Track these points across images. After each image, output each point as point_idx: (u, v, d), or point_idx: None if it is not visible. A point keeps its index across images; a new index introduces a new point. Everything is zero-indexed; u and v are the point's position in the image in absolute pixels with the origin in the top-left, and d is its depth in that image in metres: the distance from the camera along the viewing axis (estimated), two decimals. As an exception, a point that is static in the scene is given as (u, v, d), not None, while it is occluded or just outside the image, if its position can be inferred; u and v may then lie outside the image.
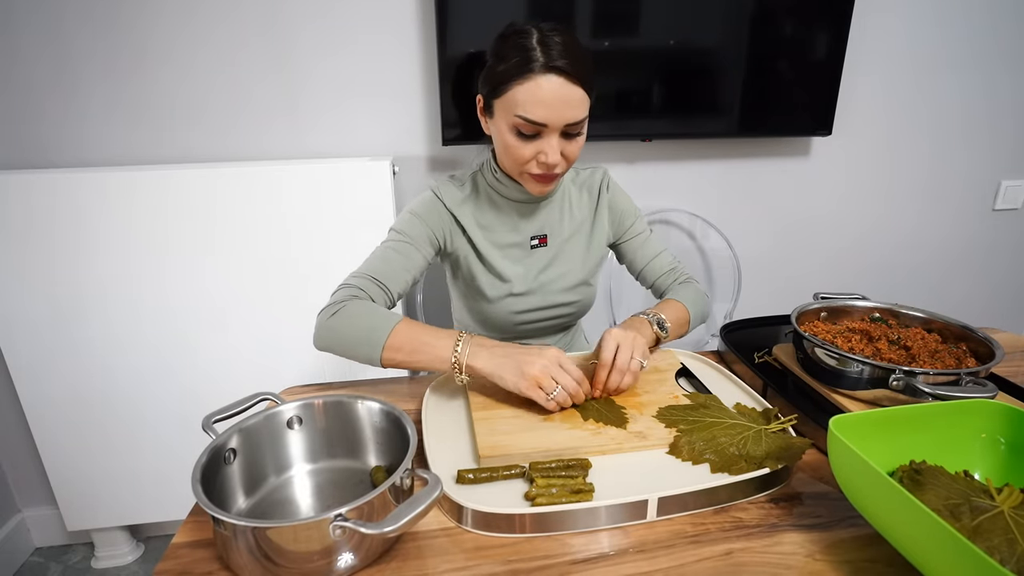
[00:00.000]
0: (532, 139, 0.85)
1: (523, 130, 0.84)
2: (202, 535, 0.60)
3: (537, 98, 0.81)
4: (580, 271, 1.04)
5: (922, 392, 0.69)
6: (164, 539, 1.68)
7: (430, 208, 0.96)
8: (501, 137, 0.87)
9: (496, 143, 0.91)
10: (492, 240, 0.99)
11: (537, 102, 0.81)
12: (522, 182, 0.93)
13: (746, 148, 1.67)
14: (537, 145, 0.85)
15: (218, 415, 0.65)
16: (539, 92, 0.81)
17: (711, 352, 1.01)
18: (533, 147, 0.85)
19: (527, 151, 0.86)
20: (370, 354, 0.79)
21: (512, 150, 0.86)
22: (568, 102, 0.82)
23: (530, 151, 0.86)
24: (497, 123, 0.88)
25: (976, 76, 1.70)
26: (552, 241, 1.02)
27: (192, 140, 1.42)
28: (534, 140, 0.85)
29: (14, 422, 1.51)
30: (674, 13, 1.44)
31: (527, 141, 0.85)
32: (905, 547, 0.51)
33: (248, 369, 1.44)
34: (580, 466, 0.65)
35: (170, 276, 1.35)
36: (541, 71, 0.80)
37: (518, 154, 0.86)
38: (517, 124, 0.84)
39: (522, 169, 0.89)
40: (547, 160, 0.85)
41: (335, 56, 1.41)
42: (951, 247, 1.89)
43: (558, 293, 1.03)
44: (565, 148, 0.86)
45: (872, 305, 0.92)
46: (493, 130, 0.90)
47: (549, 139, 0.84)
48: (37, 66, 1.32)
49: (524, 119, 0.82)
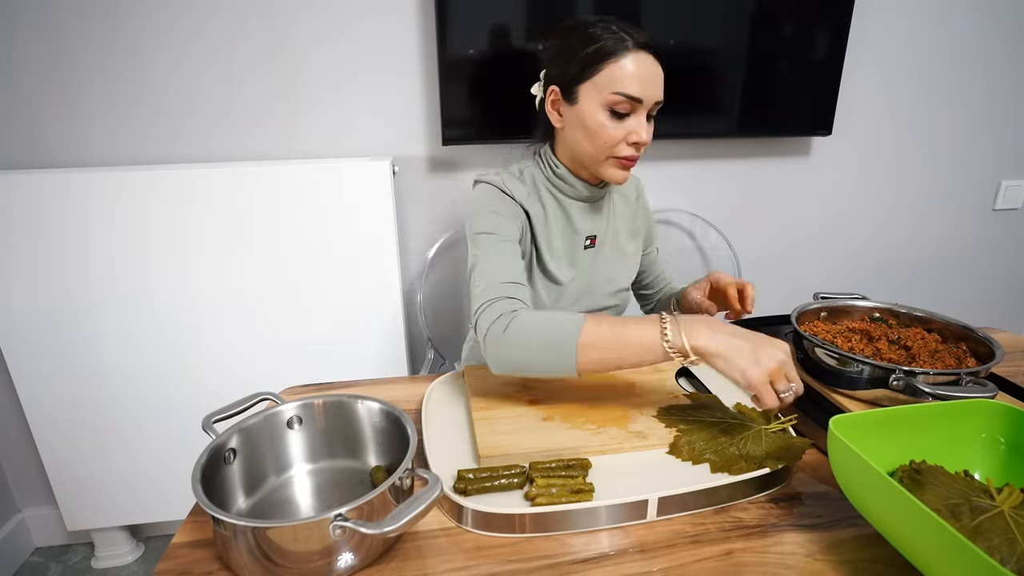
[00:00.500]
0: (623, 119, 0.85)
1: (619, 108, 0.84)
2: (202, 535, 0.61)
3: (634, 74, 0.82)
4: (624, 274, 1.04)
5: (922, 392, 0.69)
6: (164, 539, 1.68)
7: (504, 202, 0.91)
8: (589, 120, 0.85)
9: (576, 131, 0.88)
10: (550, 239, 0.96)
11: (635, 78, 0.82)
12: (602, 170, 0.90)
13: (746, 148, 1.67)
14: (627, 125, 0.85)
15: (218, 415, 0.65)
16: (636, 68, 0.82)
17: (711, 352, 1.01)
18: (624, 127, 0.85)
19: (618, 131, 0.85)
20: (564, 361, 0.71)
21: (604, 131, 0.85)
22: (659, 80, 0.85)
23: (621, 131, 0.85)
24: (584, 107, 0.86)
25: (976, 76, 1.70)
26: (601, 243, 1.00)
27: (192, 141, 1.42)
28: (625, 120, 0.85)
29: (14, 422, 1.51)
30: (674, 13, 1.44)
31: (619, 121, 0.85)
32: (905, 547, 0.51)
33: (248, 369, 1.44)
34: (580, 466, 0.65)
35: (170, 276, 1.35)
36: (636, 48, 0.82)
37: (609, 135, 0.85)
38: (613, 102, 0.83)
39: (610, 152, 0.87)
40: (640, 138, 0.85)
41: (335, 56, 1.41)
42: (951, 247, 1.89)
43: (604, 296, 1.02)
44: (648, 131, 0.87)
45: (872, 305, 0.92)
46: (574, 118, 0.88)
47: (639, 117, 0.85)
48: (35, 67, 1.32)
49: (623, 95, 0.82)
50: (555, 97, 0.90)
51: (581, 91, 0.86)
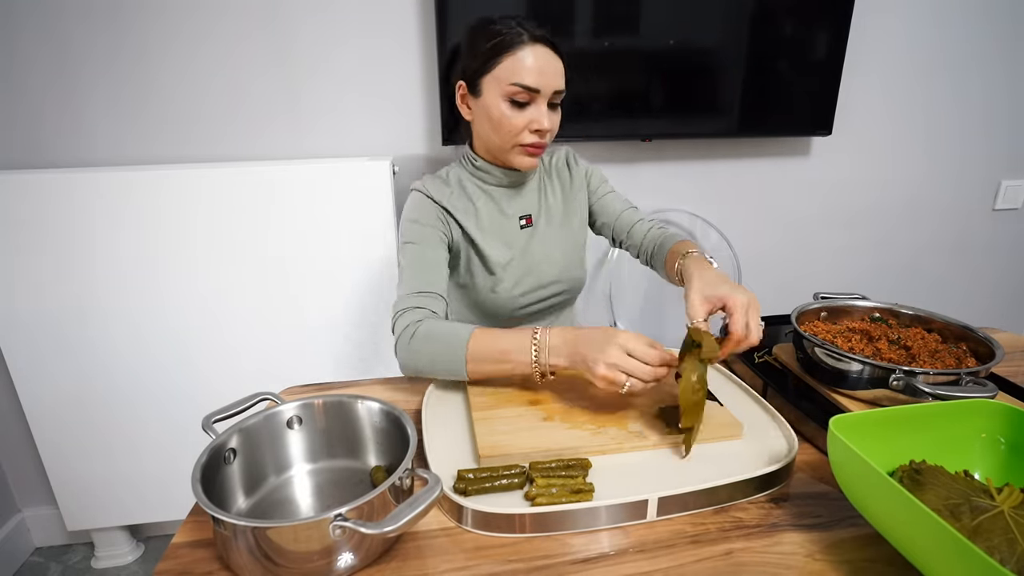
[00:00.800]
0: (523, 108, 0.90)
1: (517, 98, 0.89)
2: (202, 535, 0.60)
3: (529, 65, 0.87)
4: (568, 249, 1.07)
5: (922, 392, 0.69)
6: (164, 539, 1.69)
7: (426, 208, 0.98)
8: (492, 112, 0.91)
9: (483, 124, 0.94)
10: (482, 227, 1.01)
11: (530, 69, 0.87)
12: (511, 159, 0.96)
13: (746, 148, 1.67)
14: (528, 114, 0.90)
15: (218, 415, 0.65)
16: (531, 60, 0.87)
17: (711, 352, 1.01)
18: (525, 116, 0.90)
19: (520, 120, 0.90)
20: (456, 371, 0.81)
21: (506, 121, 0.90)
22: (555, 71, 0.90)
23: (522, 120, 0.90)
24: (487, 100, 0.91)
25: (976, 76, 1.70)
26: (537, 221, 1.05)
27: (192, 140, 1.42)
28: (525, 109, 0.90)
29: (14, 422, 1.51)
30: (674, 13, 1.44)
31: (520, 110, 0.90)
32: (905, 547, 0.51)
33: (248, 369, 1.44)
34: (580, 466, 0.66)
35: (170, 276, 1.36)
36: (530, 41, 0.87)
37: (511, 124, 0.90)
38: (511, 92, 0.88)
39: (515, 141, 0.92)
40: (541, 126, 0.90)
41: (335, 56, 1.41)
42: (951, 246, 1.89)
43: (549, 272, 1.05)
44: (550, 119, 0.92)
45: (872, 305, 0.92)
46: (480, 111, 0.93)
47: (539, 106, 0.90)
48: (37, 67, 1.32)
49: (520, 85, 0.88)
50: (463, 92, 0.95)
51: (483, 84, 0.91)
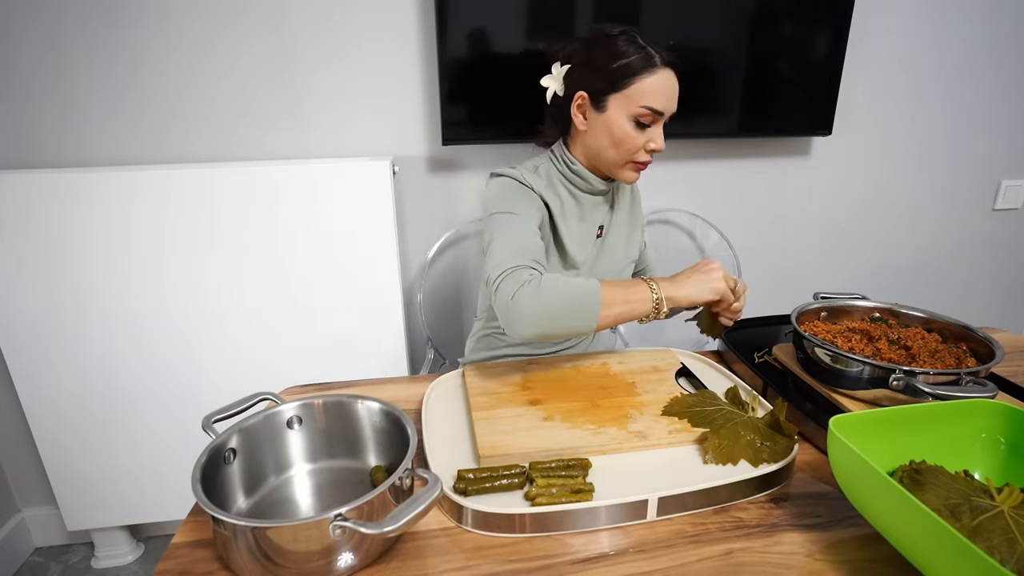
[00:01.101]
0: (645, 129, 0.92)
1: (644, 120, 0.91)
2: (202, 535, 0.61)
3: (660, 90, 0.90)
4: (625, 263, 1.10)
5: (922, 392, 0.69)
6: (164, 539, 1.68)
7: (524, 192, 0.96)
8: (615, 128, 0.92)
9: (601, 136, 0.94)
10: (568, 228, 1.01)
11: (661, 93, 0.90)
12: (619, 173, 0.97)
13: (746, 148, 1.67)
14: (648, 134, 0.93)
15: (218, 415, 0.65)
16: (663, 84, 0.90)
17: (711, 352, 1.01)
18: (645, 136, 0.93)
19: (641, 140, 0.93)
20: (589, 316, 0.81)
21: (628, 140, 0.92)
22: (676, 96, 0.93)
23: (643, 140, 0.93)
24: (612, 116, 0.92)
25: (976, 76, 1.70)
26: (606, 233, 1.07)
27: (192, 140, 1.42)
28: (646, 130, 0.93)
29: (14, 422, 1.51)
30: (674, 13, 1.44)
31: (641, 131, 0.92)
32: (905, 547, 0.51)
33: (248, 369, 1.44)
34: (580, 466, 0.66)
35: (170, 276, 1.35)
36: (663, 66, 0.90)
37: (633, 143, 0.92)
38: (639, 114, 0.90)
39: (631, 158, 0.94)
40: (658, 147, 0.94)
41: (335, 56, 1.41)
42: (951, 247, 1.89)
43: None
44: None
45: (872, 305, 0.92)
46: (600, 123, 0.94)
47: (658, 127, 0.93)
48: (37, 66, 1.32)
49: (650, 109, 0.90)
50: (582, 102, 0.95)
51: (610, 101, 0.92)
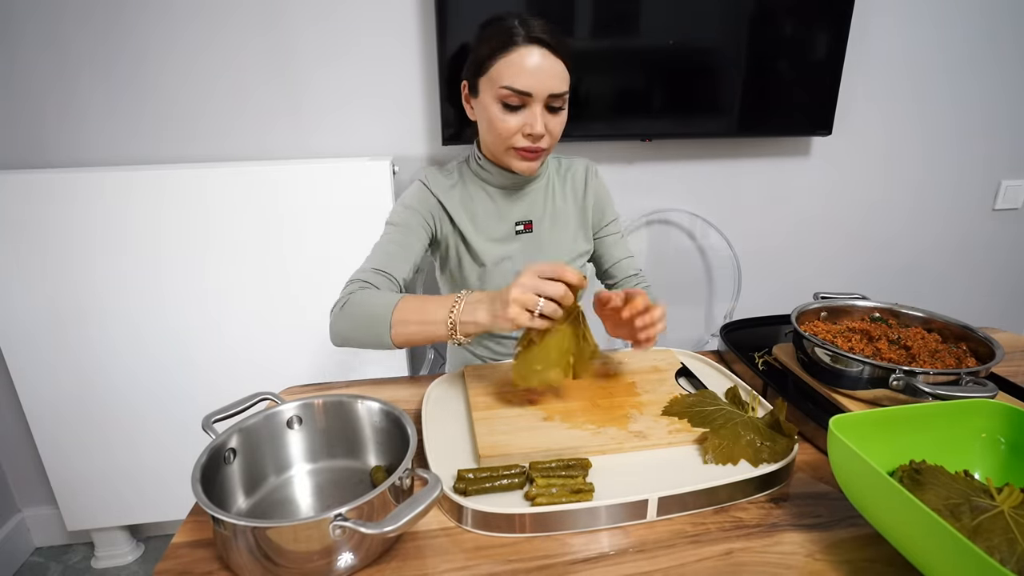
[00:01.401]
0: (517, 111, 0.88)
1: (509, 101, 0.87)
2: (202, 535, 0.61)
3: (521, 68, 0.85)
4: (567, 257, 1.05)
5: (922, 392, 0.69)
6: (164, 539, 1.68)
7: (420, 197, 0.99)
8: (487, 114, 0.90)
9: (482, 124, 0.94)
10: (478, 226, 1.01)
11: (521, 71, 0.85)
12: (508, 161, 0.94)
13: (746, 148, 1.67)
14: (523, 117, 0.88)
15: (218, 415, 0.65)
16: (523, 62, 0.85)
17: (711, 352, 1.01)
18: (519, 119, 0.88)
19: (513, 123, 0.88)
20: (380, 334, 0.79)
21: (498, 123, 0.89)
22: (551, 73, 0.86)
23: (515, 123, 0.88)
24: (483, 101, 0.90)
25: (976, 76, 1.70)
26: (537, 227, 1.04)
27: (192, 140, 1.42)
28: (519, 112, 0.88)
29: (14, 422, 1.51)
30: (674, 13, 1.43)
31: (513, 113, 0.88)
32: (905, 547, 0.51)
33: (248, 369, 1.44)
34: (580, 466, 0.66)
35: (170, 276, 1.35)
36: (524, 43, 0.85)
37: (504, 127, 0.89)
38: (503, 95, 0.87)
39: (508, 144, 0.91)
40: (533, 130, 0.88)
41: (335, 56, 1.41)
42: (951, 247, 1.88)
43: None
44: (549, 122, 0.89)
45: (872, 305, 0.92)
46: (479, 111, 0.93)
47: (533, 110, 0.88)
48: (37, 66, 1.32)
49: (510, 89, 0.86)
50: (465, 91, 0.96)
51: (480, 85, 0.90)
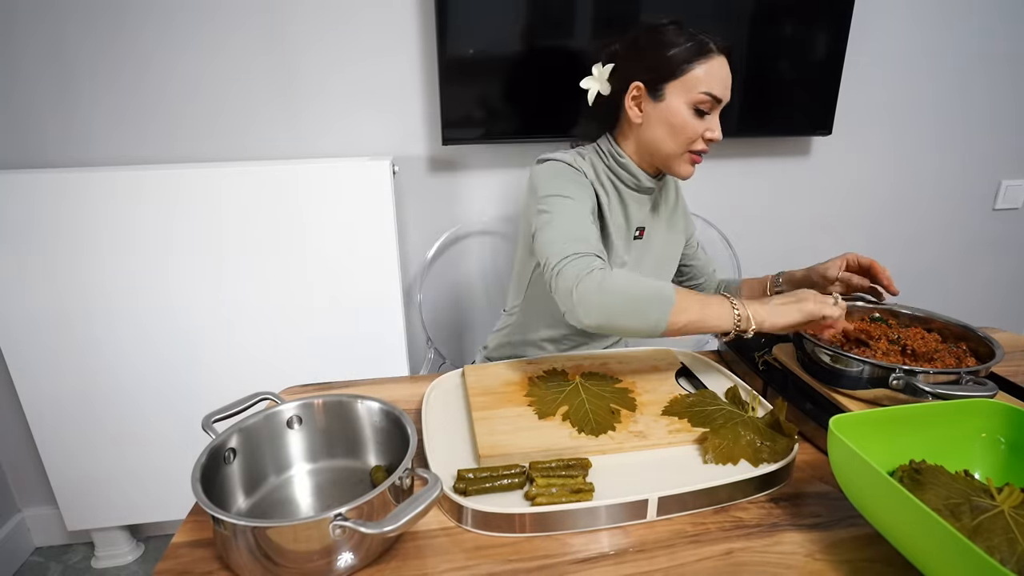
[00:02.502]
0: (703, 117, 0.91)
1: (703, 107, 0.89)
2: (202, 535, 0.61)
3: (719, 76, 0.89)
4: (665, 266, 1.09)
5: (922, 392, 0.69)
6: (164, 539, 1.68)
7: (578, 178, 0.94)
8: (673, 118, 0.91)
9: (657, 127, 0.92)
10: (610, 223, 0.98)
11: (719, 79, 0.89)
12: (675, 165, 0.95)
13: (746, 148, 1.67)
14: (707, 122, 0.91)
15: (218, 415, 0.65)
16: (720, 71, 0.89)
17: (711, 352, 1.01)
18: (704, 124, 0.91)
19: (700, 128, 0.91)
20: (659, 318, 0.76)
21: (688, 128, 0.91)
22: (731, 82, 0.91)
23: (702, 128, 0.91)
24: (671, 105, 0.90)
25: (976, 76, 1.70)
26: (647, 235, 1.04)
27: (192, 140, 1.42)
28: (704, 118, 0.91)
29: (14, 422, 1.51)
30: (674, 13, 1.43)
31: (700, 119, 0.91)
32: (905, 547, 0.51)
33: (248, 369, 1.44)
34: (580, 466, 0.66)
35: (170, 276, 1.35)
36: (719, 52, 0.89)
37: (693, 131, 0.91)
38: (699, 101, 0.89)
39: (689, 147, 0.93)
40: (714, 135, 0.92)
41: (335, 55, 1.40)
42: (951, 247, 1.88)
43: None
44: None
45: (872, 305, 0.92)
46: (656, 115, 0.92)
47: (715, 116, 0.92)
48: (38, 65, 1.32)
49: (709, 95, 0.88)
50: (638, 93, 0.93)
51: (668, 89, 0.90)
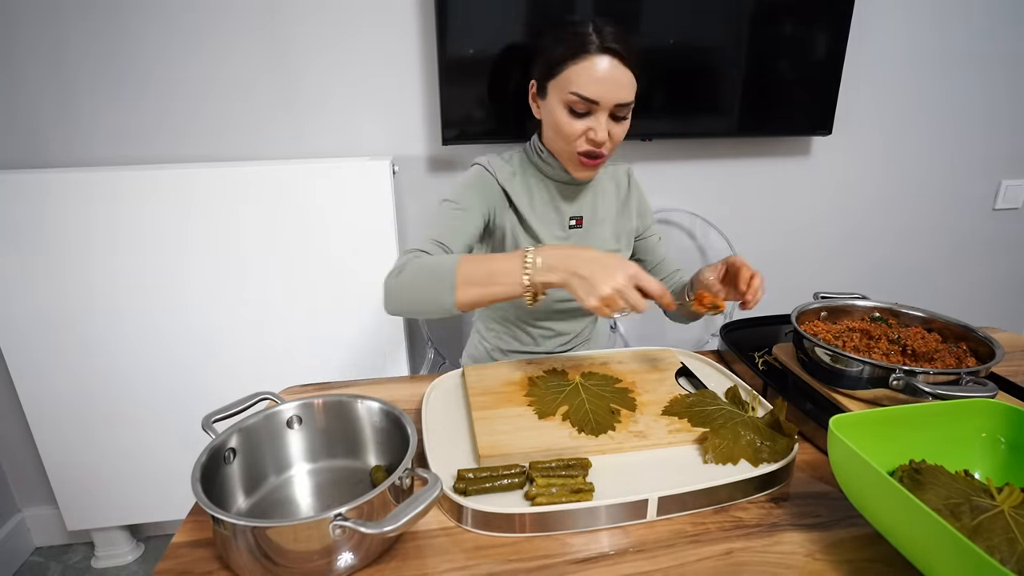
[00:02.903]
0: (583, 117, 0.89)
1: (576, 107, 0.88)
2: (202, 535, 0.61)
3: (591, 76, 0.86)
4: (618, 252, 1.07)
5: (922, 392, 0.69)
6: (164, 539, 1.68)
7: (483, 181, 0.98)
8: (553, 116, 0.91)
9: (547, 125, 0.95)
10: (538, 215, 1.01)
11: (591, 80, 0.86)
12: (568, 164, 0.96)
13: (746, 148, 1.67)
14: (587, 123, 0.90)
15: (218, 414, 0.65)
16: (593, 71, 0.86)
17: (711, 352, 1.01)
18: (583, 124, 0.90)
19: (578, 127, 0.90)
20: (442, 298, 0.76)
21: (564, 127, 0.90)
22: (619, 83, 0.87)
23: (580, 128, 0.90)
24: (550, 103, 0.92)
25: (976, 76, 1.70)
26: (587, 224, 1.05)
27: (192, 140, 1.42)
28: (585, 119, 0.89)
29: (14, 422, 1.51)
30: (674, 12, 1.43)
31: (578, 119, 0.90)
32: (905, 547, 0.51)
33: (248, 369, 1.44)
34: (580, 466, 0.66)
35: (170, 276, 1.35)
36: (596, 52, 0.86)
37: (569, 130, 0.90)
38: (570, 101, 0.88)
39: (572, 147, 0.92)
40: (595, 137, 0.89)
41: (335, 55, 1.41)
42: (951, 247, 1.88)
43: None
44: (612, 129, 0.91)
45: (872, 305, 0.92)
46: (545, 112, 0.94)
47: (599, 117, 0.89)
48: (41, 66, 1.32)
49: (578, 96, 0.87)
50: (533, 91, 0.96)
51: (549, 88, 0.92)
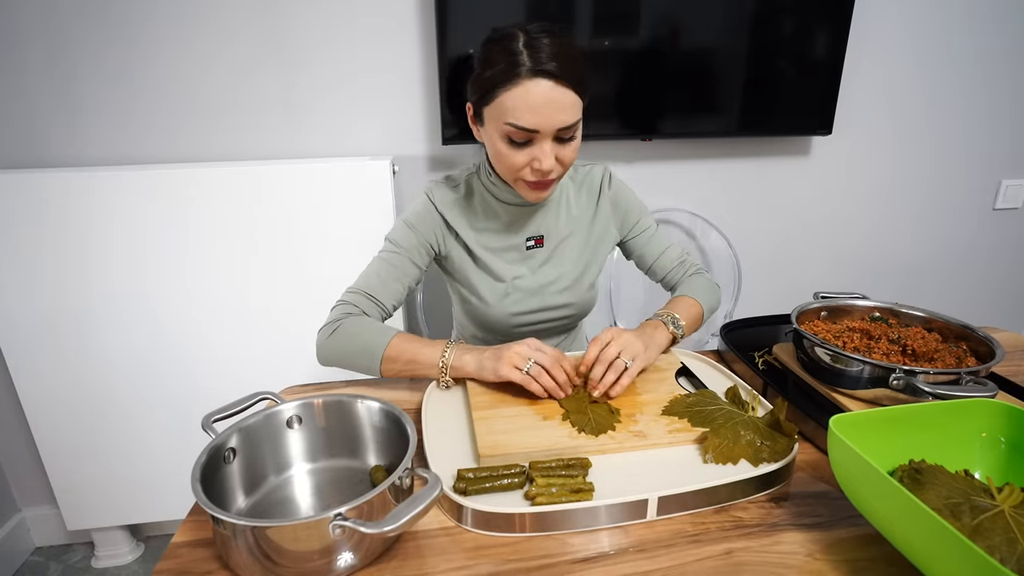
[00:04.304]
0: (524, 146, 0.82)
1: (514, 137, 0.81)
2: (202, 534, 0.60)
3: (526, 104, 0.77)
4: (578, 271, 1.02)
5: (922, 391, 0.69)
6: (164, 539, 1.69)
7: (423, 215, 0.96)
8: (493, 145, 0.84)
9: (489, 150, 0.88)
10: (486, 242, 0.98)
11: (526, 108, 0.78)
12: (517, 189, 0.90)
13: (746, 147, 1.67)
14: (530, 152, 0.82)
15: (218, 414, 0.65)
16: (528, 98, 0.77)
17: (711, 352, 1.01)
18: (526, 154, 0.82)
19: (520, 158, 0.83)
20: (369, 367, 0.85)
21: (505, 158, 0.83)
22: (559, 106, 0.78)
23: (523, 158, 0.83)
24: (488, 131, 0.85)
25: (976, 75, 1.70)
26: (549, 242, 1.00)
27: (191, 140, 1.42)
28: (527, 147, 0.82)
29: (14, 422, 1.51)
30: (674, 12, 1.44)
31: (519, 148, 0.82)
32: (905, 546, 0.51)
33: (248, 369, 1.44)
34: (580, 465, 0.65)
35: (170, 276, 1.35)
36: (528, 75, 0.77)
37: (511, 162, 0.83)
38: (508, 132, 0.81)
39: (517, 176, 0.86)
40: (541, 167, 0.82)
41: (335, 55, 1.41)
42: (951, 246, 1.88)
43: (556, 294, 1.02)
44: (559, 153, 0.83)
45: (872, 304, 0.92)
46: (485, 138, 0.87)
47: (542, 145, 0.81)
48: (42, 66, 1.32)
49: (514, 126, 0.79)
50: (471, 114, 0.89)
51: (485, 115, 0.84)
